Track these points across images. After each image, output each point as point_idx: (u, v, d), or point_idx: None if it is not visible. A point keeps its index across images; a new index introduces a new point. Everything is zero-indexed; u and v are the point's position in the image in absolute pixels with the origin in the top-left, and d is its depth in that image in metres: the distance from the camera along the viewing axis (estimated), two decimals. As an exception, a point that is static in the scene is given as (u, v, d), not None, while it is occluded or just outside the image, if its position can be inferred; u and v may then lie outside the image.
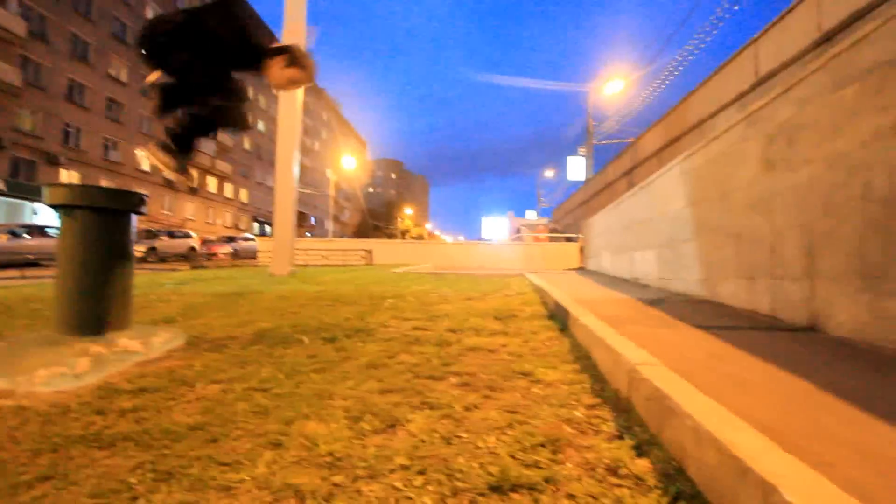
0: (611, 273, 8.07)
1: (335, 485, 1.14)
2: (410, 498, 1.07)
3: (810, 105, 2.99)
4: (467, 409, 1.60)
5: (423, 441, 1.36)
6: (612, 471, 1.18)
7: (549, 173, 48.32)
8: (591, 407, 1.60)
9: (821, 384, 1.65)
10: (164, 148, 2.02)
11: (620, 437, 1.35)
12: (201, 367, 2.06)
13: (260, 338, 2.66)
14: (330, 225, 53.71)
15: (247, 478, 1.16)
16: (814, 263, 2.85)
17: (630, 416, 1.48)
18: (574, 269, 11.11)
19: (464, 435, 1.40)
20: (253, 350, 2.38)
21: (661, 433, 1.27)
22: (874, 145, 2.42)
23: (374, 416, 1.53)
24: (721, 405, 1.18)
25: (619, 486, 1.11)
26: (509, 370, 2.06)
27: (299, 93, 8.87)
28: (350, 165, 41.07)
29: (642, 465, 1.18)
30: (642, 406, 1.43)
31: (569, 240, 14.07)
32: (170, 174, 2.09)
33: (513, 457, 1.26)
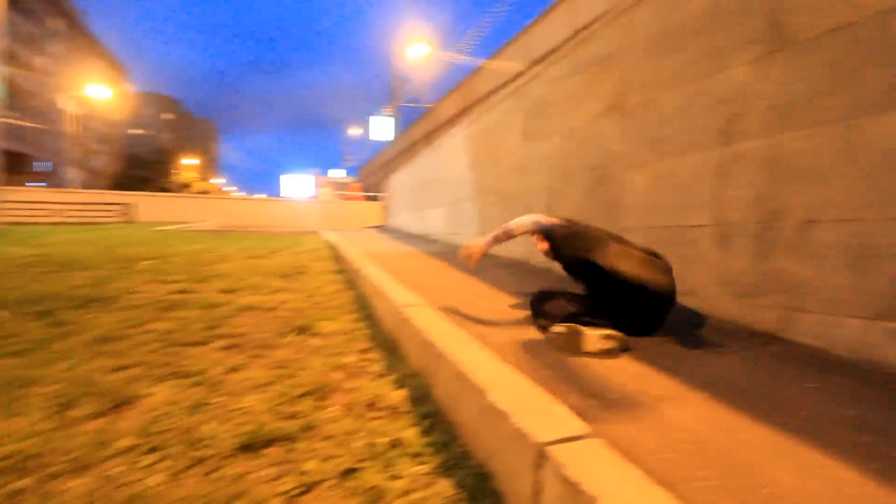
0: (407, 230, 8.55)
1: (17, 491, 0.87)
2: (129, 483, 0.90)
3: (557, 86, 3.61)
4: (227, 372, 1.45)
5: (163, 415, 1.16)
6: (371, 406, 1.23)
7: (355, 131, 47.31)
8: (364, 351, 1.64)
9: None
10: None
11: (385, 375, 1.42)
12: None
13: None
14: (73, 173, 41.26)
15: None
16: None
17: (396, 354, 1.58)
18: (375, 227, 11.37)
19: (217, 400, 1.25)
20: None
21: (418, 365, 1.38)
22: (592, 124, 3.08)
23: (96, 397, 1.24)
24: (465, 331, 1.34)
25: (376, 418, 1.16)
26: (287, 326, 1.95)
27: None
28: (100, 95, 31.38)
29: (398, 396, 1.26)
30: (407, 343, 1.53)
31: (372, 198, 14.20)
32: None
33: (272, 412, 1.18)
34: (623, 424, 0.95)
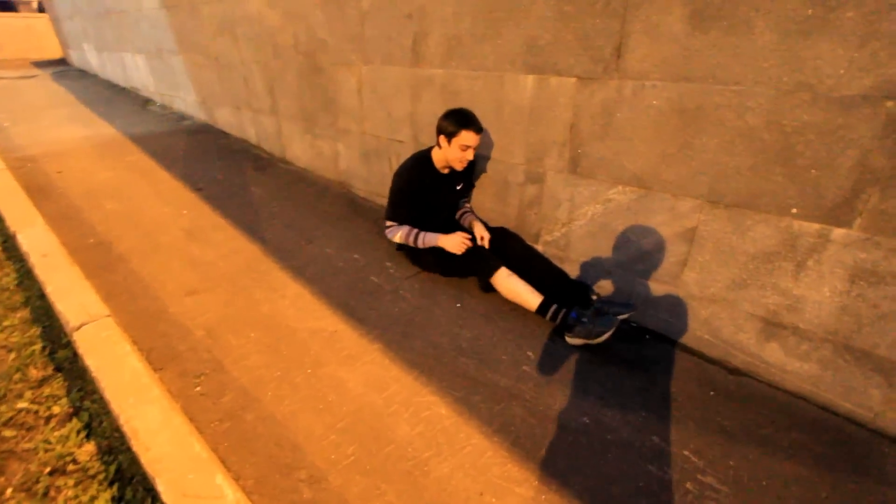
0: (102, 75, 6.36)
1: None
2: None
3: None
4: None
5: None
6: (61, 472, 1.19)
7: None
8: (42, 383, 1.44)
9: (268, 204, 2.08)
10: None
11: (72, 416, 1.33)
12: None
13: None
14: None
15: None
16: (276, 102, 3.18)
17: (85, 380, 1.44)
18: (55, 65, 8.01)
19: None
20: None
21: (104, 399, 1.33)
22: (296, -7, 2.60)
23: None
24: (147, 376, 1.31)
25: (64, 488, 1.14)
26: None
27: None
28: None
29: (88, 451, 1.23)
30: (90, 368, 1.40)
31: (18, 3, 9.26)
32: None
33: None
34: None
